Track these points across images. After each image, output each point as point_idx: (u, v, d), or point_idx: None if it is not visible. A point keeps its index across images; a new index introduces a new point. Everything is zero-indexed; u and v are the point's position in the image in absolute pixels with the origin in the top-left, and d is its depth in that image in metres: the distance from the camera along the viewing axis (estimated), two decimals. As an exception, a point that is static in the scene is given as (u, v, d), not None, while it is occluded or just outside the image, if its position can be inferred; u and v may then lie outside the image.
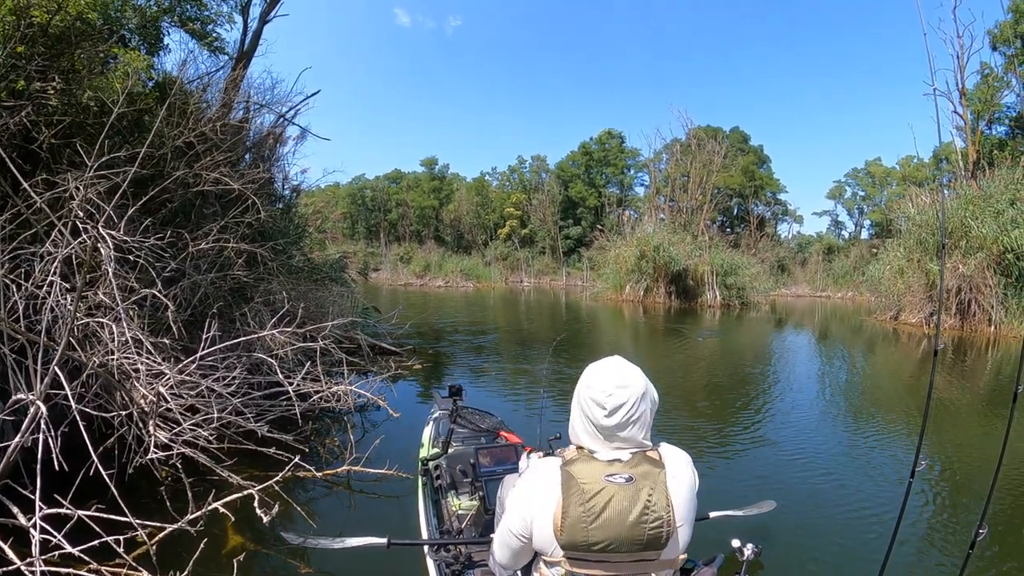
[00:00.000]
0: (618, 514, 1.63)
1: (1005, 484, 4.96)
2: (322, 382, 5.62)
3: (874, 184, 53.87)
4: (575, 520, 1.64)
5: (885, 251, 23.01)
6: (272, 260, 7.17)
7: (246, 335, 5.41)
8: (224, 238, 5.74)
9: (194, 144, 6.13)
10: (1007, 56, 27.72)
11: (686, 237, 31.64)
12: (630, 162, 56.35)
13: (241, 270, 6.28)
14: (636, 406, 1.72)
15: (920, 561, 3.80)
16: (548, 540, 1.71)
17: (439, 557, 2.77)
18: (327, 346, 5.66)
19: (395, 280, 44.10)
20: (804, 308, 32.79)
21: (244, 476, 4.19)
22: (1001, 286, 17.48)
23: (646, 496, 1.65)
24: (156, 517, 3.37)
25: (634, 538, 1.64)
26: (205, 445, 4.15)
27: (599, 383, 1.74)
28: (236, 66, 9.74)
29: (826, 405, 8.77)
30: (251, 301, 6.54)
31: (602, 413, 1.71)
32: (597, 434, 1.74)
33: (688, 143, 42.85)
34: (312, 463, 4.75)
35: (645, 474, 1.68)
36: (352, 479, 4.76)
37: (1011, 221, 17.45)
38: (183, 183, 6.02)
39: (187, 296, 5.57)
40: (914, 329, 18.89)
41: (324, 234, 14.34)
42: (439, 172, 62.43)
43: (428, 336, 13.94)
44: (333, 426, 6.13)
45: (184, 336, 5.24)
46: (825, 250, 48.88)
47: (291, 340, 5.51)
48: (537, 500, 1.73)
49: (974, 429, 7.39)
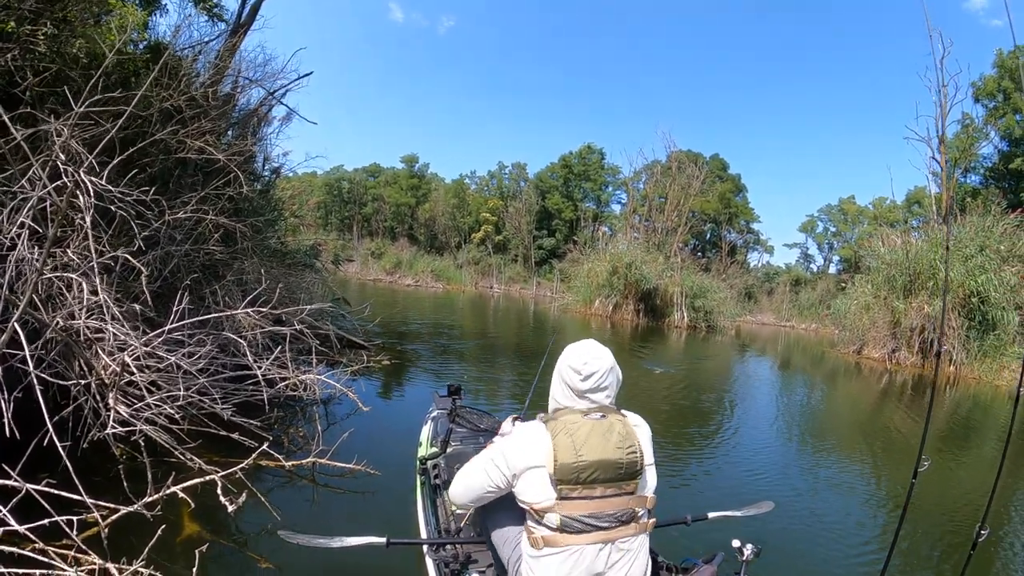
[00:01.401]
0: (599, 438, 1.97)
1: (1003, 488, 4.99)
2: (290, 369, 5.40)
3: (846, 221, 54.93)
4: (566, 449, 1.94)
5: (853, 286, 23.45)
6: (249, 239, 6.93)
7: (216, 313, 5.19)
8: (203, 209, 5.48)
9: (182, 108, 5.85)
10: (988, 109, 28.51)
11: (659, 257, 31.72)
12: (609, 179, 56.59)
13: (216, 245, 6.01)
14: (606, 375, 2.09)
15: (921, 561, 3.83)
16: (543, 486, 1.96)
17: (438, 556, 2.74)
18: (299, 331, 5.44)
19: (364, 275, 43.63)
20: (768, 336, 33.34)
21: (206, 460, 3.98)
22: (964, 328, 17.87)
23: (618, 428, 2.02)
24: (110, 497, 3.12)
25: (615, 462, 1.96)
26: (167, 425, 3.90)
27: (577, 354, 2.12)
28: (232, 36, 9.46)
29: (820, 424, 8.91)
30: (223, 279, 6.28)
31: (578, 378, 2.07)
32: (572, 396, 2.10)
33: (669, 165, 43.14)
34: (277, 452, 4.56)
35: (614, 418, 2.06)
36: (317, 471, 4.55)
37: (978, 267, 17.89)
38: (165, 147, 5.77)
39: (158, 266, 5.30)
40: (876, 364, 19.25)
41: (299, 219, 14.01)
42: (419, 170, 61.85)
43: (397, 333, 13.72)
44: (299, 415, 5.89)
45: (151, 307, 5.01)
46: (793, 281, 49.80)
47: (262, 322, 5.30)
48: (528, 452, 2.01)
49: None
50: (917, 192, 41.81)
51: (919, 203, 41.16)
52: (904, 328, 19.19)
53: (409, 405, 7.52)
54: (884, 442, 8.28)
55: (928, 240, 20.89)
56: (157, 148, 5.77)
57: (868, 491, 5.39)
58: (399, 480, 4.57)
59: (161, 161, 5.88)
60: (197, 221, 5.56)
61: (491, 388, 9.14)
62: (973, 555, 2.34)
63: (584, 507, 1.95)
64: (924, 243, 20.81)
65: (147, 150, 5.76)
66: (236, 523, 3.43)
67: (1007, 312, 17.36)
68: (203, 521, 3.49)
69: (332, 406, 6.43)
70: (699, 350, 19.71)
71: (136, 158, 5.75)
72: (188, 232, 5.66)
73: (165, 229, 5.29)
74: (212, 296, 5.91)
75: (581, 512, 1.95)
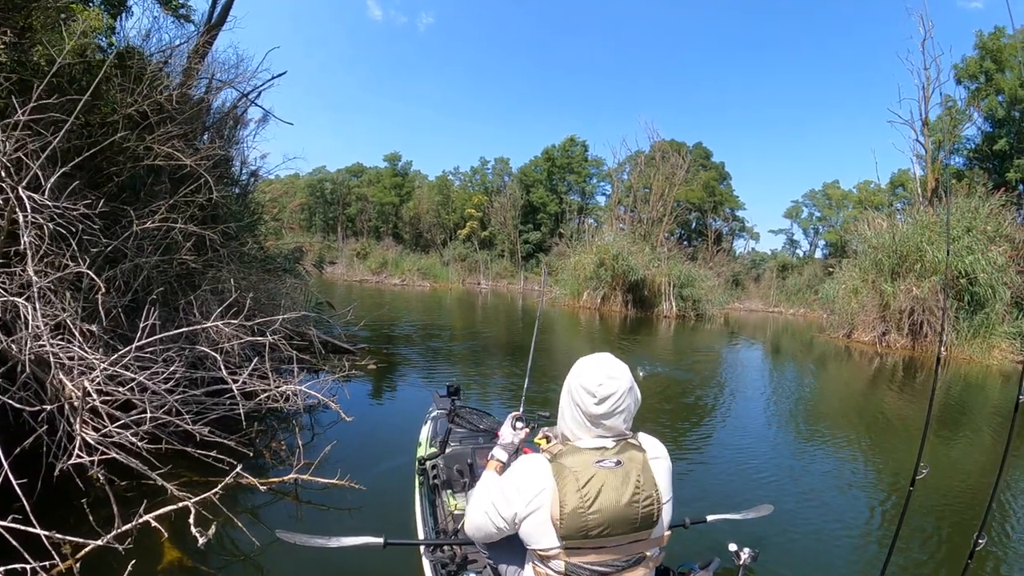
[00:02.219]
0: (612, 497, 1.76)
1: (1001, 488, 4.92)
2: (270, 380, 5.19)
3: (831, 206, 55.21)
4: (573, 509, 1.74)
5: (841, 271, 23.54)
6: (223, 246, 6.72)
7: (190, 325, 4.98)
8: (172, 218, 5.27)
9: (148, 114, 5.63)
10: (971, 91, 28.60)
11: (645, 247, 31.73)
12: (593, 171, 56.48)
13: (189, 254, 5.80)
14: (623, 397, 1.85)
15: (919, 569, 3.76)
16: (546, 534, 1.80)
17: (435, 557, 2.72)
18: (276, 342, 5.24)
19: (350, 276, 43.32)
20: (757, 322, 33.40)
21: (182, 481, 3.83)
22: (953, 309, 18.00)
23: (635, 477, 1.80)
24: (80, 530, 2.96)
25: (629, 518, 1.78)
26: (136, 449, 3.70)
27: (591, 374, 1.88)
28: (202, 37, 9.22)
29: (817, 416, 8.89)
30: (198, 289, 6.07)
31: (592, 401, 1.84)
32: (585, 422, 1.87)
33: (652, 155, 43.08)
34: (257, 469, 4.40)
35: (631, 458, 1.83)
36: (300, 487, 4.36)
37: (966, 247, 17.96)
38: (133, 155, 5.55)
39: (127, 279, 5.09)
40: (866, 347, 19.35)
41: (279, 222, 13.74)
42: (402, 168, 61.48)
43: (383, 335, 13.52)
44: (280, 428, 5.69)
45: (124, 324, 4.81)
46: (779, 267, 50.02)
47: (238, 333, 5.10)
48: (530, 499, 1.81)
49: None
50: (901, 175, 41.94)
51: (903, 186, 41.36)
52: (893, 311, 19.28)
53: (397, 410, 7.36)
54: (883, 433, 8.20)
55: (914, 222, 20.95)
56: (124, 156, 5.56)
57: (867, 491, 5.31)
58: (388, 485, 4.52)
59: (129, 169, 5.67)
60: (167, 230, 5.33)
61: (481, 388, 8.97)
62: (971, 564, 2.28)
63: (592, 557, 1.82)
64: (910, 225, 20.91)
65: (114, 159, 5.55)
66: (221, 542, 3.29)
67: (996, 291, 17.42)
68: (183, 546, 3.31)
69: (317, 415, 6.23)
70: (688, 341, 19.64)
71: (103, 168, 5.55)
72: (158, 243, 5.43)
73: (133, 240, 5.08)
74: (187, 307, 5.71)
75: (588, 561, 1.82)
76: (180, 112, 6.18)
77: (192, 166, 5.50)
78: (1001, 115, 28.31)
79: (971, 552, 2.27)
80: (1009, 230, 19.21)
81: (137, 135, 5.63)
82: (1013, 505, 5.03)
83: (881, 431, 8.27)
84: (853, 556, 3.92)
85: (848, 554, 3.99)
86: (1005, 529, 4.53)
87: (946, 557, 3.97)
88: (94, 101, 5.58)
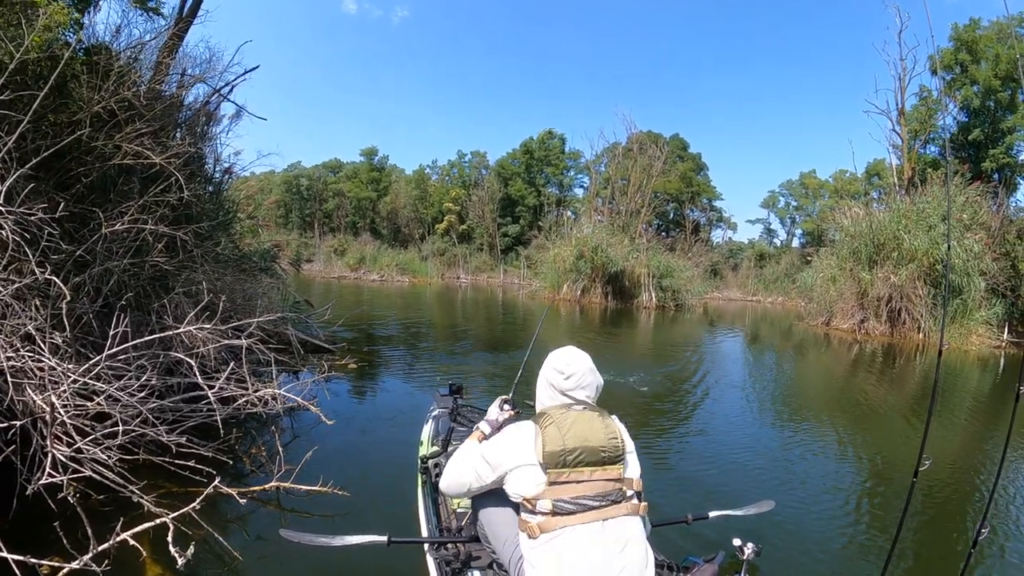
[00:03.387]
0: (583, 425, 2.14)
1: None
2: (248, 383, 5.05)
3: (807, 195, 55.73)
4: (553, 437, 2.10)
5: (819, 259, 23.77)
6: (197, 246, 6.54)
7: (165, 330, 4.82)
8: (142, 219, 5.08)
9: (116, 111, 5.43)
10: (946, 81, 28.91)
11: (624, 239, 31.77)
12: (570, 163, 56.43)
13: (161, 255, 5.62)
14: (586, 375, 2.30)
15: (922, 560, 3.75)
16: (532, 475, 2.09)
17: (439, 555, 2.76)
18: (253, 344, 5.09)
19: (328, 273, 42.99)
20: (736, 311, 33.70)
21: (161, 493, 3.75)
22: (930, 296, 18.32)
23: (599, 417, 2.21)
24: (56, 551, 2.85)
25: (599, 447, 2.11)
26: (109, 464, 3.55)
27: (560, 357, 2.35)
28: (172, 31, 8.98)
29: (808, 407, 8.90)
30: (172, 291, 5.89)
31: (561, 377, 2.29)
32: (557, 395, 2.29)
33: (630, 147, 43.11)
34: (238, 477, 4.30)
35: (595, 409, 2.26)
36: (282, 495, 4.21)
37: (942, 235, 18.23)
38: (100, 155, 5.36)
39: (97, 284, 4.91)
40: (845, 335, 19.60)
41: (255, 220, 13.49)
42: (379, 163, 60.97)
43: (363, 333, 13.34)
44: (261, 432, 5.51)
45: (96, 330, 4.64)
46: (757, 256, 50.49)
47: (214, 336, 4.94)
48: (518, 451, 2.15)
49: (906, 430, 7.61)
50: (877, 164, 42.46)
51: (879, 175, 41.81)
52: (871, 298, 19.53)
53: (379, 408, 7.24)
54: (876, 421, 8.22)
55: (891, 210, 21.19)
56: (93, 156, 5.37)
57: (867, 481, 5.30)
58: (379, 484, 4.52)
59: (98, 169, 5.47)
60: (137, 232, 5.14)
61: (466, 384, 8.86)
62: (974, 552, 2.33)
63: (573, 490, 2.05)
64: (887, 214, 21.13)
65: (82, 159, 5.36)
66: (205, 556, 3.23)
67: (972, 278, 17.64)
68: (164, 563, 3.17)
69: (298, 417, 6.06)
70: (670, 333, 19.64)
71: (73, 167, 5.36)
72: (129, 245, 5.24)
73: (102, 243, 4.90)
74: (161, 311, 5.53)
75: (571, 495, 2.05)
76: (149, 109, 5.97)
77: (162, 164, 5.30)
78: (976, 105, 28.70)
79: (974, 541, 2.31)
80: (985, 218, 19.53)
81: (105, 134, 5.44)
82: (1014, 496, 5.04)
83: (874, 420, 8.29)
84: (856, 547, 3.92)
85: (851, 545, 3.98)
86: (1007, 519, 4.52)
87: (949, 547, 3.98)
88: (61, 100, 5.41)
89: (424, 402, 6.36)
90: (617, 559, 2.01)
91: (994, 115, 28.58)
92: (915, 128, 28.55)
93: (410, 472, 4.20)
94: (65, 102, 5.35)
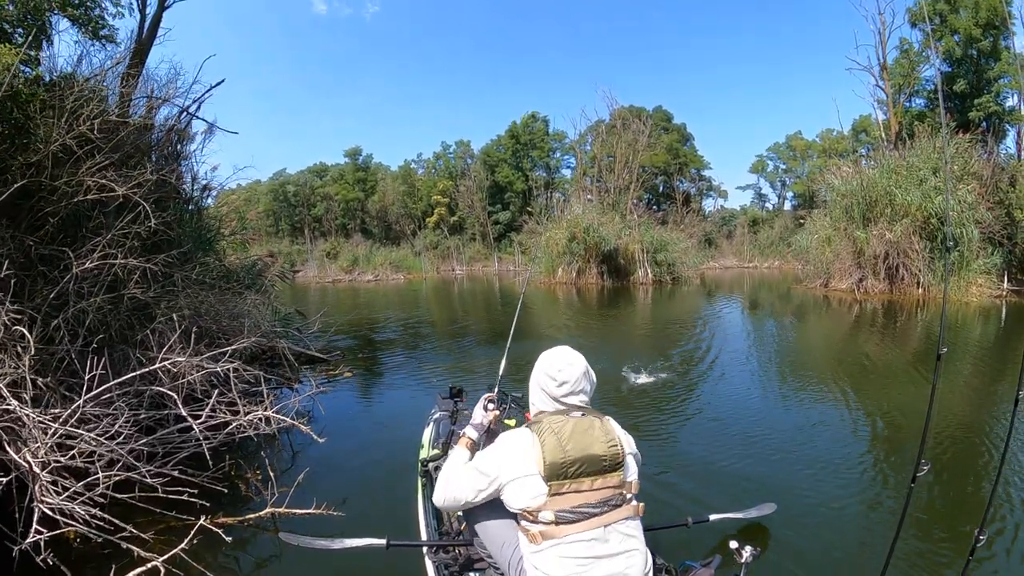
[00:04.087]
0: (582, 437, 2.10)
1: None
2: (239, 406, 4.96)
3: (795, 157, 55.67)
4: (553, 447, 2.06)
5: (812, 221, 23.75)
6: (178, 270, 6.45)
7: (151, 361, 4.74)
8: (112, 253, 4.99)
9: (74, 148, 5.31)
10: (925, 32, 28.76)
11: (615, 217, 31.78)
12: (555, 145, 56.21)
13: (138, 286, 5.52)
14: (580, 380, 2.26)
15: (921, 563, 3.66)
16: (533, 485, 2.06)
17: (438, 558, 2.78)
18: (239, 367, 5.01)
19: (323, 277, 42.92)
20: (733, 279, 33.75)
21: (158, 530, 3.70)
22: (927, 250, 18.34)
23: (598, 423, 2.17)
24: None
25: (598, 456, 2.08)
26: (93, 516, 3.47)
27: (551, 362, 2.31)
28: (133, 59, 8.85)
29: (820, 384, 8.47)
30: (156, 321, 5.79)
31: (554, 384, 2.25)
32: (551, 401, 2.27)
33: (613, 123, 42.93)
34: (233, 505, 4.24)
35: (592, 415, 2.22)
36: (279, 521, 4.12)
37: (934, 188, 18.26)
38: (64, 193, 5.26)
39: (72, 326, 4.81)
40: (844, 295, 19.62)
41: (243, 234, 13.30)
42: (363, 162, 60.69)
43: (360, 338, 13.27)
44: (256, 455, 5.45)
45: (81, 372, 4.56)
46: (750, 222, 50.63)
47: (201, 363, 4.87)
48: (517, 463, 2.11)
49: (907, 387, 7.72)
50: (863, 121, 42.47)
51: (866, 131, 41.75)
52: (868, 257, 19.52)
53: (377, 415, 7.18)
54: (883, 389, 8.02)
55: (880, 167, 21.14)
56: (55, 194, 5.26)
57: (868, 483, 5.04)
58: (380, 489, 4.51)
59: (65, 208, 5.37)
60: (108, 268, 5.04)
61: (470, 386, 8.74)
62: (972, 559, 2.30)
63: (575, 499, 2.04)
64: (877, 170, 21.12)
65: (45, 198, 5.26)
66: None
67: (967, 228, 17.62)
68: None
69: (294, 434, 5.91)
70: (667, 311, 19.48)
71: (38, 208, 5.26)
72: (101, 281, 5.12)
73: (74, 283, 4.81)
74: (145, 341, 5.44)
75: (573, 504, 2.04)
76: (109, 140, 5.85)
77: (126, 194, 5.19)
78: (959, 55, 28.51)
79: (972, 548, 2.27)
80: (976, 167, 19.45)
81: (67, 171, 5.33)
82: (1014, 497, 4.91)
83: (881, 387, 8.05)
84: (855, 550, 3.84)
85: (850, 548, 3.89)
86: (1007, 523, 4.31)
87: (948, 549, 3.87)
88: (22, 140, 5.30)
89: (422, 406, 6.27)
90: (619, 562, 2.06)
91: (977, 64, 28.43)
92: (899, 82, 28.41)
93: (408, 476, 4.20)
94: (26, 141, 5.25)
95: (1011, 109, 28.24)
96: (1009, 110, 28.37)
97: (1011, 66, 26.96)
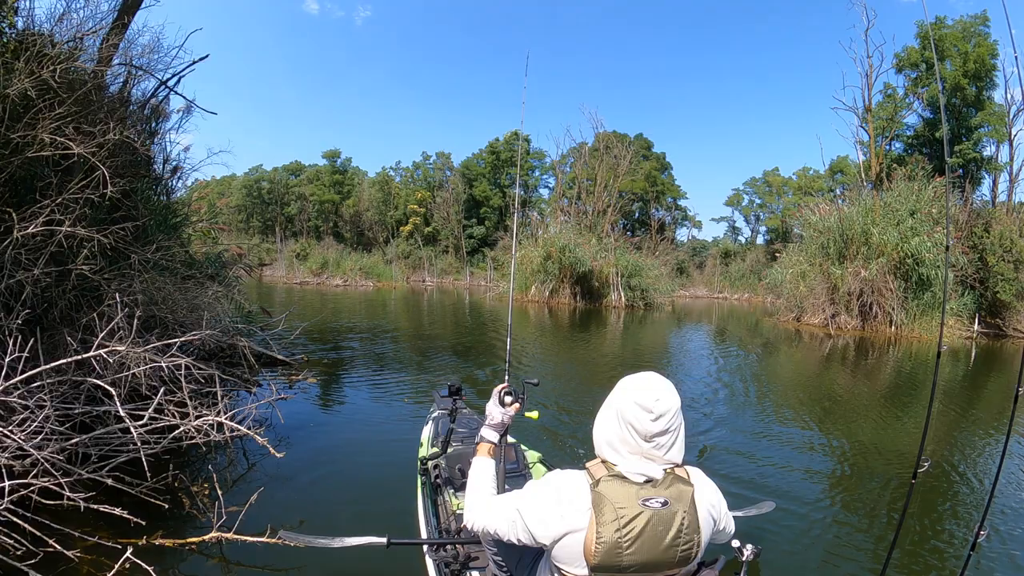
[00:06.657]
0: (654, 539, 1.65)
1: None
2: (189, 408, 4.38)
3: (771, 193, 56.51)
4: (610, 546, 1.63)
5: (786, 256, 23.99)
6: (136, 251, 5.81)
7: (92, 348, 4.13)
8: (60, 219, 4.37)
9: (32, 97, 4.67)
10: (911, 79, 29.27)
11: (591, 239, 31.61)
12: (535, 163, 56.21)
13: (89, 263, 4.87)
14: (677, 415, 1.75)
15: (920, 562, 3.76)
16: (575, 559, 1.70)
17: (438, 556, 2.74)
18: (192, 364, 4.43)
19: (291, 278, 42.14)
20: (703, 308, 34.26)
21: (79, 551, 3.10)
22: (901, 290, 18.80)
23: (680, 519, 1.67)
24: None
25: (666, 560, 1.68)
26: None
27: (644, 391, 1.74)
28: (118, 19, 8.21)
29: (794, 403, 8.85)
30: (103, 303, 5.15)
31: (649, 417, 1.71)
32: (636, 442, 1.72)
33: (596, 146, 43.02)
34: (175, 522, 3.67)
35: (678, 496, 1.69)
36: (225, 547, 3.47)
37: (910, 229, 18.66)
38: (15, 147, 4.64)
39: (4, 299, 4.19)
40: (817, 330, 19.90)
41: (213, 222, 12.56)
42: (341, 165, 59.99)
43: (325, 342, 12.62)
44: (204, 466, 4.81)
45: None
46: (722, 254, 51.13)
47: (147, 355, 4.27)
48: (565, 521, 1.70)
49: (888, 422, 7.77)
50: (840, 161, 43.15)
51: (842, 172, 42.39)
52: (842, 293, 19.81)
53: (341, 429, 6.52)
54: (863, 416, 8.09)
55: (858, 206, 21.40)
56: (9, 149, 4.65)
57: (866, 481, 5.28)
58: (370, 493, 4.05)
59: (15, 165, 4.74)
60: (50, 235, 4.40)
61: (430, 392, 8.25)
62: (973, 555, 2.31)
63: None
64: (854, 208, 21.45)
65: None
66: None
67: (941, 271, 18.04)
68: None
69: (248, 442, 5.29)
70: (642, 335, 19.33)
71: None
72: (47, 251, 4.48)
73: (12, 249, 4.19)
74: (91, 326, 4.79)
75: None
76: (71, 90, 5.19)
77: (82, 153, 4.55)
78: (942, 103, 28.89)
79: (972, 543, 2.27)
80: (953, 211, 19.81)
81: (25, 123, 4.72)
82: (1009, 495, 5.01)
83: (862, 414, 8.20)
84: (855, 548, 3.92)
85: (850, 546, 3.98)
86: (1005, 520, 4.47)
87: (947, 547, 3.98)
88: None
89: (388, 415, 6.45)
90: None
91: (959, 112, 28.92)
92: (882, 125, 28.85)
93: (407, 477, 4.16)
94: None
95: (989, 158, 28.78)
96: (987, 158, 28.85)
97: (992, 116, 27.50)
